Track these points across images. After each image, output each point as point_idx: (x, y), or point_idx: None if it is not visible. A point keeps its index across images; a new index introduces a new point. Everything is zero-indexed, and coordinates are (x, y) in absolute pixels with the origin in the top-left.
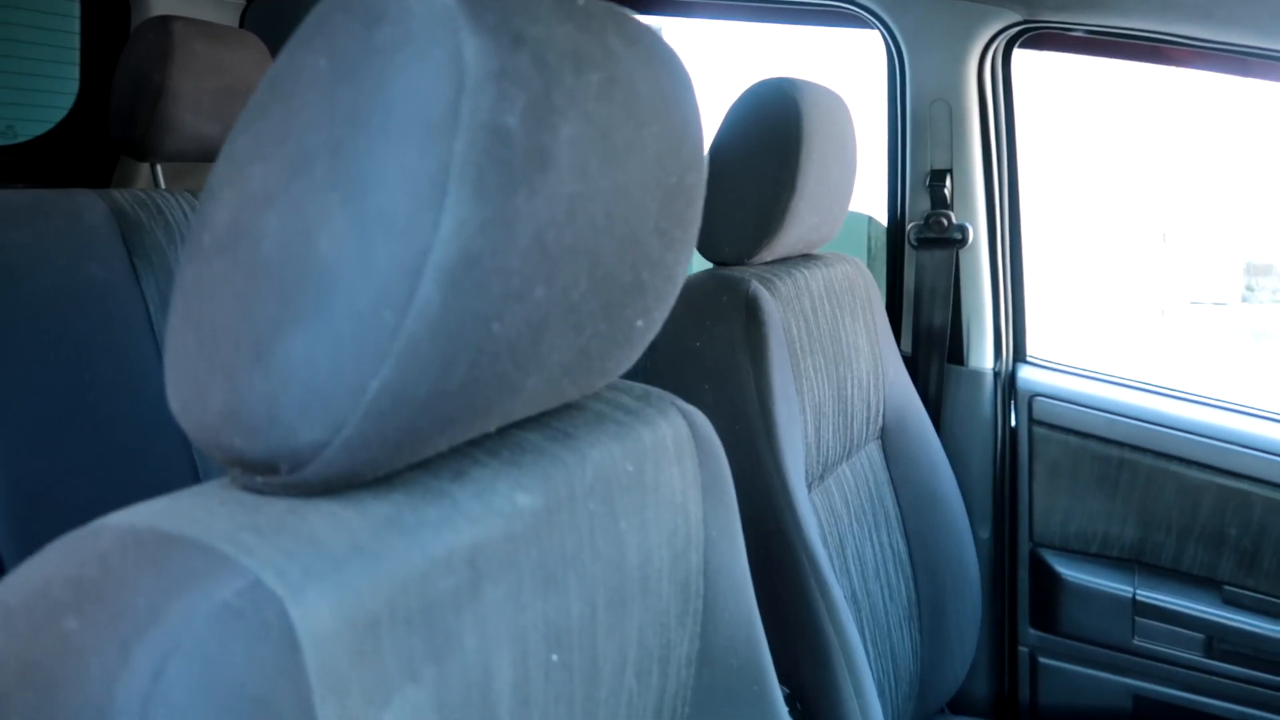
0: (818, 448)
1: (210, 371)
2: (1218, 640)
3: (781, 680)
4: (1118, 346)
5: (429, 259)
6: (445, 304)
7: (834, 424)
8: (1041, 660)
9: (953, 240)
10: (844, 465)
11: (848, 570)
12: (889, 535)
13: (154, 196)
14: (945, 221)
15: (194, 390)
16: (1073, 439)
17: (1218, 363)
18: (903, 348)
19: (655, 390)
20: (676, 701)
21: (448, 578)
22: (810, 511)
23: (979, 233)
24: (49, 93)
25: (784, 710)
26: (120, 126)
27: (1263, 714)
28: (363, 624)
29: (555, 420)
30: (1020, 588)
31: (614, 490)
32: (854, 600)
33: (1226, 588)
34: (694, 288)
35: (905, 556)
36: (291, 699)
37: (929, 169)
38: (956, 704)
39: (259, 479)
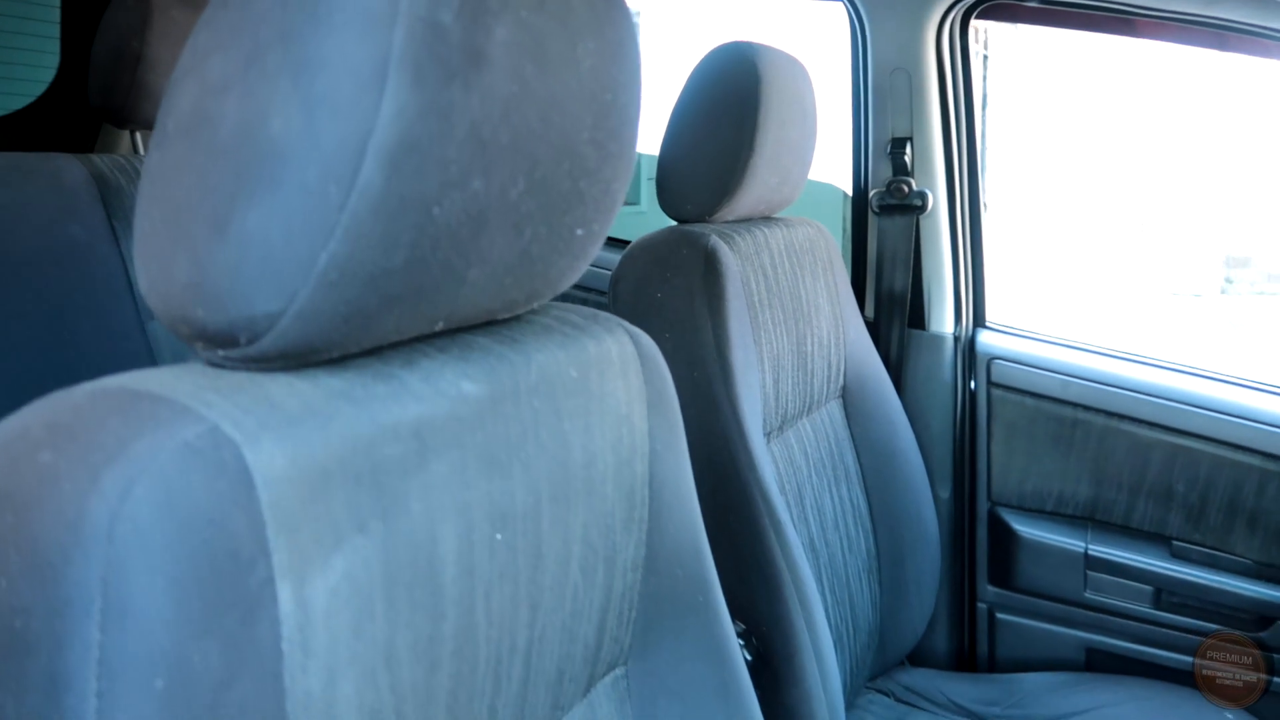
0: (776, 399)
1: (174, 246)
2: (1166, 593)
3: (736, 616)
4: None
5: (371, 140)
6: (387, 184)
7: (793, 378)
8: (999, 616)
9: (913, 206)
10: (804, 420)
11: (806, 519)
12: (849, 490)
13: (133, 161)
14: (906, 188)
15: (160, 266)
16: (1029, 400)
17: (1195, 354)
18: (866, 312)
19: (603, 313)
20: (623, 604)
21: (395, 445)
22: (766, 456)
23: (939, 199)
24: (30, 66)
25: (728, 621)
26: (100, 94)
27: (1209, 663)
28: (314, 473)
29: (503, 329)
30: (979, 546)
31: (558, 392)
32: (812, 548)
33: (1175, 542)
34: (657, 242)
35: (865, 511)
36: (247, 529)
37: (890, 137)
38: (916, 657)
39: (220, 353)
